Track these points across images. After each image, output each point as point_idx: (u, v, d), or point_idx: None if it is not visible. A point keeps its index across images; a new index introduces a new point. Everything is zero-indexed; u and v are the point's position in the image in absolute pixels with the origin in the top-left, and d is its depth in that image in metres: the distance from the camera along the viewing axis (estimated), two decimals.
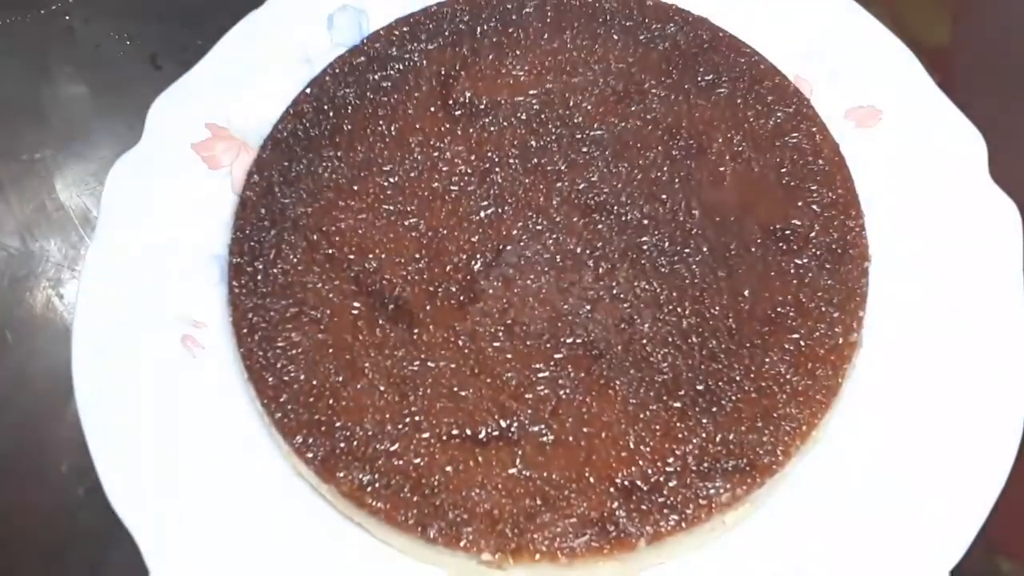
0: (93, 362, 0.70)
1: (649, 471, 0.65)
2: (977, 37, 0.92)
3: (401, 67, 0.79)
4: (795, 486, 0.67)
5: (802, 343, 0.69)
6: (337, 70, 0.80)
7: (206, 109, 0.80)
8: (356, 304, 0.71)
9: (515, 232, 0.73)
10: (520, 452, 0.66)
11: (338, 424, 0.67)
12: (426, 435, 0.66)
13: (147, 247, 0.75)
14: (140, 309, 0.73)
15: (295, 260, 0.73)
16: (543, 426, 0.66)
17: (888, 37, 0.81)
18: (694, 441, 0.66)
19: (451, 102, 0.78)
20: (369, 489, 0.65)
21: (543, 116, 0.77)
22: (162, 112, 0.79)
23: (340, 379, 0.68)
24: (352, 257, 0.72)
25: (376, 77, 0.79)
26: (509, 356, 0.69)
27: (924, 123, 0.78)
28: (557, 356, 0.68)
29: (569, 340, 0.69)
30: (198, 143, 0.79)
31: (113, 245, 0.74)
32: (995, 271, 0.72)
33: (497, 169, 0.75)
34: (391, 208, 0.74)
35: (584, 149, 0.76)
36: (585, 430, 0.66)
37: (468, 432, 0.66)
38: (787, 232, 0.73)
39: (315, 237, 0.73)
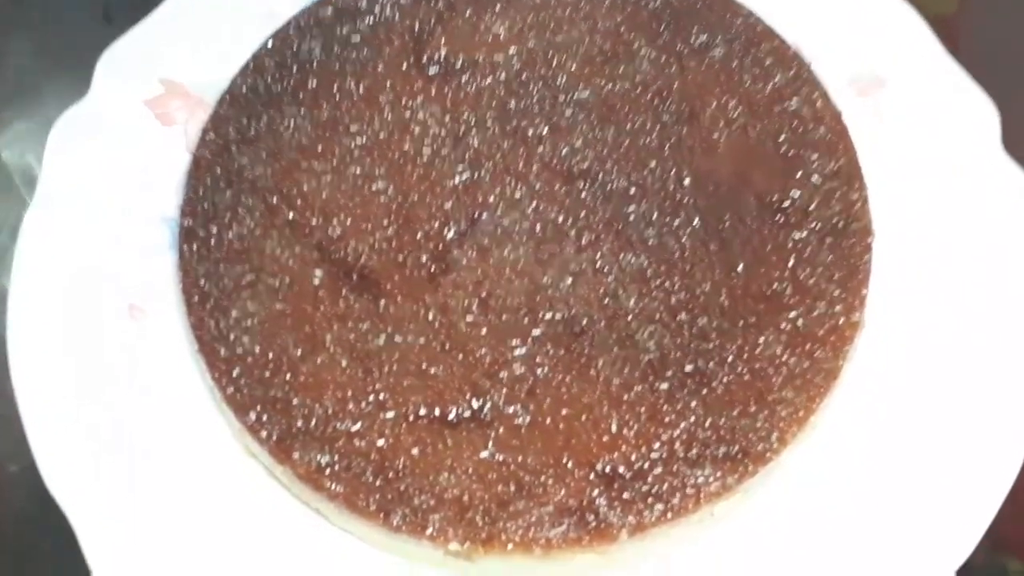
0: (30, 332, 0.68)
1: (633, 457, 0.63)
2: (987, 3, 0.91)
3: (371, 21, 0.77)
4: (790, 476, 0.66)
5: (800, 322, 0.67)
6: (302, 23, 0.78)
7: (160, 63, 0.77)
8: (318, 272, 0.69)
9: (491, 199, 0.71)
10: (493, 435, 0.64)
11: (295, 401, 0.65)
12: (391, 415, 0.64)
13: (92, 208, 0.72)
14: (83, 275, 0.70)
15: (252, 224, 0.71)
16: (519, 407, 0.65)
17: (893, 0, 0.79)
18: (682, 425, 0.64)
19: (425, 60, 0.76)
20: (328, 472, 0.63)
21: (524, 76, 0.75)
22: (112, 66, 0.76)
23: (299, 353, 0.66)
24: (315, 222, 0.71)
25: (344, 31, 0.77)
26: (483, 331, 0.67)
27: (932, 90, 0.76)
28: (535, 332, 0.67)
29: (548, 315, 0.67)
30: (151, 99, 0.76)
31: (55, 206, 0.72)
32: (1007, 248, 0.70)
33: (473, 132, 0.74)
34: (358, 171, 0.72)
35: (567, 112, 0.74)
36: (564, 412, 0.64)
37: (437, 412, 0.65)
38: (785, 204, 0.71)
39: (275, 200, 0.71)
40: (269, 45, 0.77)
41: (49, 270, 0.70)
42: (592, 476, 0.62)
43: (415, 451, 0.63)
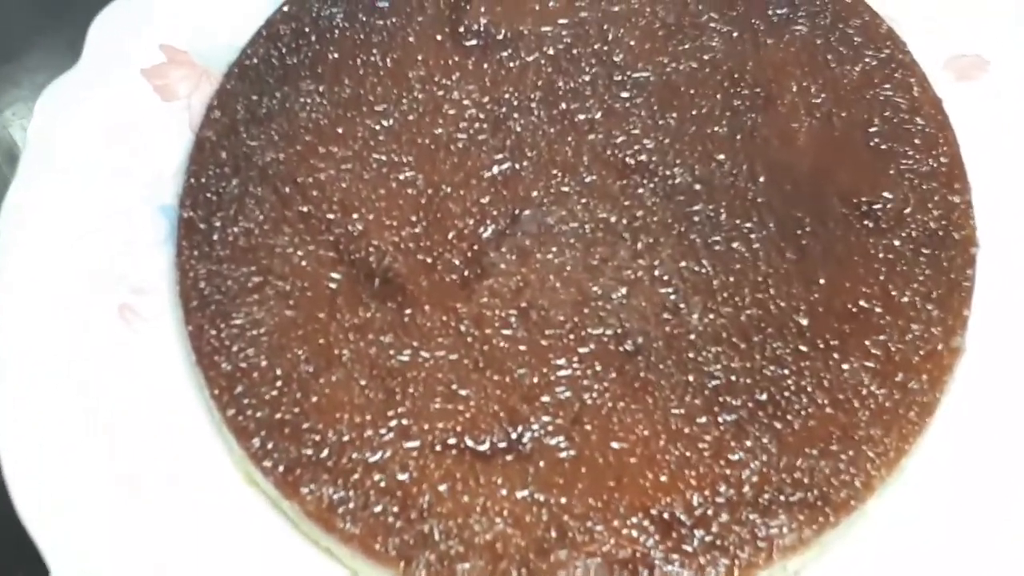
0: (8, 332, 0.65)
1: (694, 501, 0.59)
2: None
3: None
4: (876, 528, 0.61)
5: (891, 347, 0.63)
6: None
7: (161, 27, 0.75)
8: (335, 275, 0.66)
9: (535, 194, 0.68)
10: (532, 470, 0.60)
11: (306, 426, 0.62)
12: (415, 443, 0.61)
13: (79, 192, 0.70)
14: (68, 270, 0.67)
15: (261, 217, 0.68)
16: (563, 438, 0.61)
17: None
18: (752, 465, 0.60)
19: (462, 30, 0.74)
20: (341, 509, 0.60)
21: (575, 52, 0.73)
22: (107, 29, 0.74)
23: (311, 369, 0.63)
24: (332, 217, 0.68)
25: None
26: (522, 348, 0.63)
27: None
28: (582, 351, 0.63)
29: (598, 331, 0.64)
30: (149, 68, 0.74)
31: (38, 188, 0.69)
32: None
33: (515, 115, 0.71)
34: (383, 158, 0.70)
35: (624, 94, 0.71)
36: (615, 445, 0.61)
37: (468, 442, 0.61)
38: (875, 207, 0.67)
39: (287, 190, 0.69)
40: (285, 9, 0.75)
41: (29, 261, 0.67)
42: (647, 522, 0.58)
43: (442, 487, 0.59)
